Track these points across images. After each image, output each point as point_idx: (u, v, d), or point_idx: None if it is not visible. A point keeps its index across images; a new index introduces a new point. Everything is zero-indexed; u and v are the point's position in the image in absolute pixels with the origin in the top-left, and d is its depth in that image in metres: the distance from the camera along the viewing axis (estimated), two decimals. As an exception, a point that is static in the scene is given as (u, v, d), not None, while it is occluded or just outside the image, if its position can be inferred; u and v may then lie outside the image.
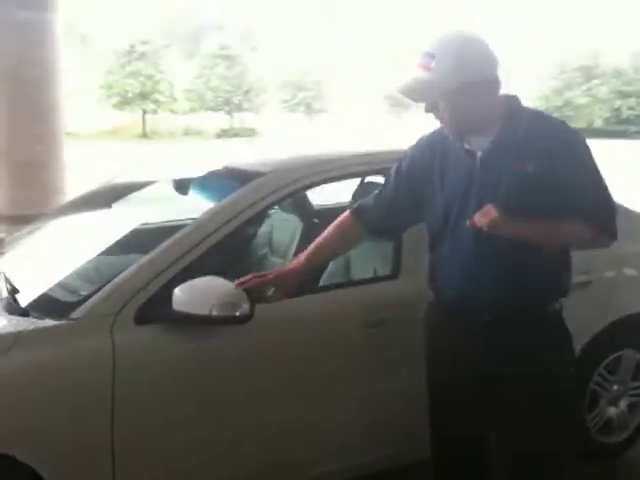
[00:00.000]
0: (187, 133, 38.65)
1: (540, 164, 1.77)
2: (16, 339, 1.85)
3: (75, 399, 1.86)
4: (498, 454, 1.94)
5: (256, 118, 42.37)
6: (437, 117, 1.82)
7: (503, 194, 1.78)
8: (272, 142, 4.21)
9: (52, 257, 2.42)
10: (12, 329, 1.89)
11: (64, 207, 3.07)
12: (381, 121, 40.98)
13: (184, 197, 2.69)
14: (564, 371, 1.93)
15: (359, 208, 2.06)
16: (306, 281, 2.14)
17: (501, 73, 1.81)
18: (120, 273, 2.01)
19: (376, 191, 2.06)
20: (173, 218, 2.93)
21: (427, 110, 1.81)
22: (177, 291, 1.92)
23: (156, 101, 39.50)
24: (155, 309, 1.96)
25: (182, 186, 2.73)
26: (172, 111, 41.27)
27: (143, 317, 1.96)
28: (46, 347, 1.86)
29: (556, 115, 2.03)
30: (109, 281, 2.00)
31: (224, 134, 36.50)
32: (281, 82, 44.70)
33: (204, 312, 1.89)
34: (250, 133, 34.29)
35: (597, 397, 2.87)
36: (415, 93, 1.80)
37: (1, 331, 1.90)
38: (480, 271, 1.85)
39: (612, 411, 2.93)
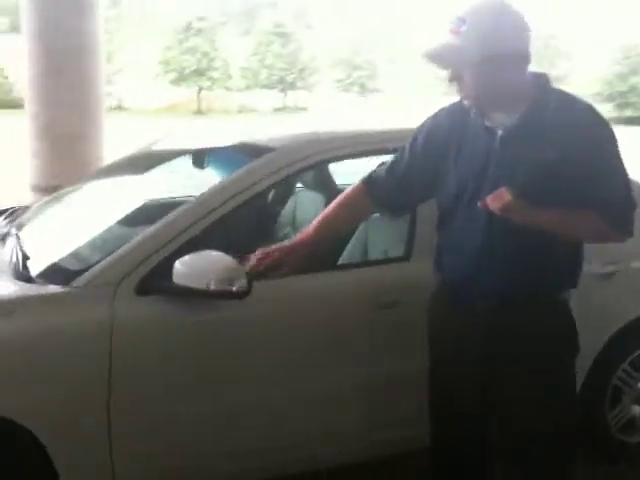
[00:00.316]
0: (241, 111, 38.86)
1: (562, 151, 1.69)
2: (18, 304, 1.89)
3: (73, 366, 1.88)
4: (497, 435, 1.90)
5: (309, 97, 42.27)
6: (460, 88, 1.73)
7: (520, 178, 1.70)
8: (319, 119, 4.17)
9: (69, 225, 2.46)
10: (15, 294, 1.93)
11: (95, 174, 3.10)
12: (436, 103, 40.28)
13: (200, 170, 2.68)
14: (566, 359, 1.88)
15: (370, 181, 1.99)
16: (314, 258, 2.11)
17: (532, 49, 1.72)
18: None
19: (388, 163, 1.98)
20: (189, 192, 2.93)
21: (451, 79, 1.73)
22: (177, 264, 1.93)
23: (211, 78, 39.82)
24: (157, 281, 1.97)
25: (199, 160, 2.73)
26: (227, 88, 41.54)
27: (145, 288, 1.97)
28: (46, 313, 1.90)
29: (619, 101, 1.92)
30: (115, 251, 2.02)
31: (277, 112, 36.58)
32: (335, 61, 44.39)
33: (202, 286, 1.89)
34: (303, 112, 34.26)
35: (620, 394, 2.76)
36: (440, 59, 1.72)
37: (4, 296, 1.93)
38: (489, 255, 1.79)
39: (636, 410, 2.82)
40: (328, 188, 3.18)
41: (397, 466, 2.48)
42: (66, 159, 4.78)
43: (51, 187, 4.47)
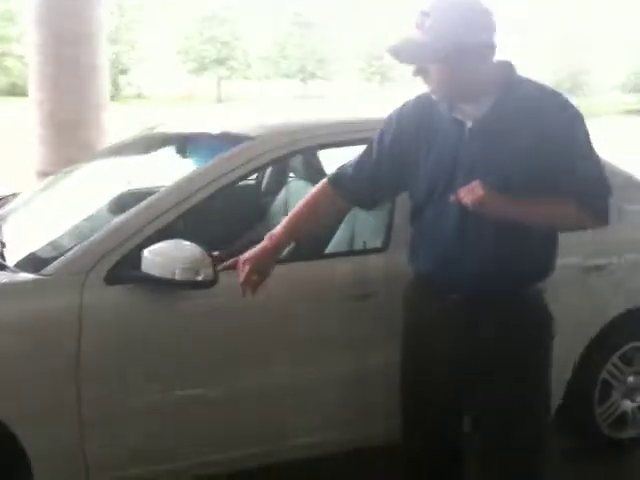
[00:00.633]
0: (260, 100, 38.85)
1: (532, 139, 1.65)
2: (-15, 292, 1.90)
3: (42, 354, 1.89)
4: (471, 430, 1.88)
5: (330, 86, 42.13)
6: (426, 82, 1.69)
7: (492, 170, 1.67)
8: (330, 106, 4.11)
9: (50, 213, 2.46)
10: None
11: (85, 161, 3.08)
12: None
13: (183, 158, 2.66)
14: (542, 348, 1.85)
15: (336, 178, 1.94)
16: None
17: (497, 38, 1.67)
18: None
19: (355, 159, 1.94)
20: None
21: (416, 73, 1.69)
22: (146, 253, 1.92)
23: (231, 68, 39.85)
24: (126, 270, 1.96)
25: (182, 148, 2.71)
26: (246, 77, 41.55)
27: (114, 277, 1.96)
28: (15, 301, 1.91)
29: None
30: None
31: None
32: (357, 51, 44.17)
33: (168, 275, 1.89)
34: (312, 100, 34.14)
35: (610, 388, 2.72)
36: (406, 55, 1.66)
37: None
38: (463, 249, 1.76)
39: (627, 405, 2.77)
40: (321, 177, 3.14)
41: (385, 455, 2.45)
42: (70, 145, 4.80)
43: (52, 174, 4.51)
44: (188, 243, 1.92)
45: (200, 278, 1.88)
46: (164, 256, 1.89)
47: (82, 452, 1.96)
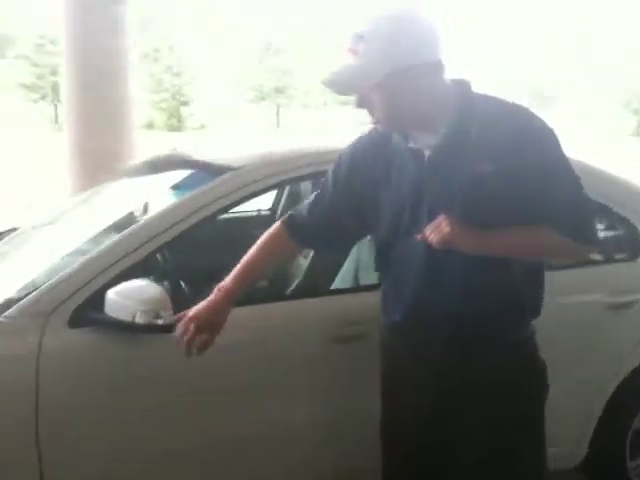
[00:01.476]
0: (318, 127, 39.14)
1: (500, 163, 1.46)
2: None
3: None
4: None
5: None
6: (371, 113, 1.53)
7: (457, 200, 1.49)
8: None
9: (31, 253, 2.39)
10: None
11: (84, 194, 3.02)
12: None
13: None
14: (532, 398, 1.65)
15: (291, 222, 1.78)
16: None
17: (445, 56, 1.49)
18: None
19: (309, 200, 1.77)
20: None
21: (358, 105, 1.52)
22: (109, 294, 1.82)
23: (289, 96, 40.39)
24: (91, 312, 1.86)
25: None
26: (305, 105, 41.99)
27: (78, 320, 1.86)
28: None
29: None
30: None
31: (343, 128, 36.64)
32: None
33: (129, 318, 1.77)
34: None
35: (643, 442, 2.44)
36: (342, 84, 1.50)
37: None
38: (434, 292, 1.58)
39: (665, 459, 2.48)
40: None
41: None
42: (98, 175, 4.82)
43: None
44: (150, 284, 1.81)
45: (160, 322, 1.75)
46: (125, 298, 1.78)
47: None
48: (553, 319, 2.17)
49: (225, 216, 2.86)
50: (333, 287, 2.40)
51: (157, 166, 2.65)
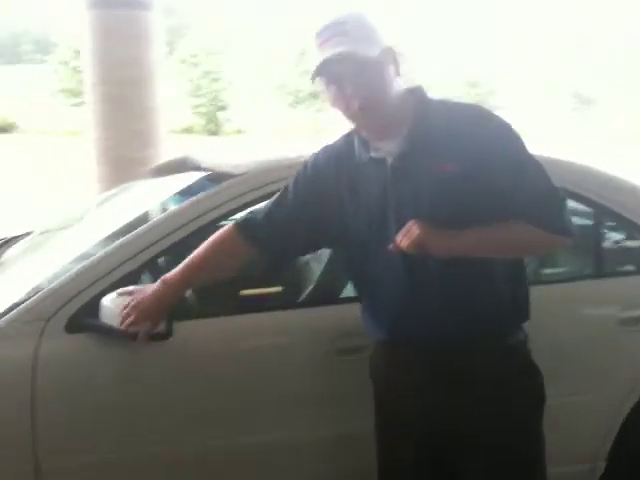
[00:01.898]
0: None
1: (464, 162, 1.45)
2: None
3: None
4: None
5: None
6: (352, 100, 1.49)
7: (425, 205, 1.46)
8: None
9: (38, 258, 2.41)
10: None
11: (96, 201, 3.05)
12: (563, 119, 38.43)
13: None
14: (527, 412, 1.59)
15: (244, 224, 1.73)
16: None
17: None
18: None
19: (267, 204, 1.74)
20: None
21: (334, 103, 1.53)
22: (103, 301, 1.82)
23: (326, 100, 40.40)
24: (88, 318, 1.86)
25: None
26: (342, 110, 42.00)
27: (75, 325, 1.87)
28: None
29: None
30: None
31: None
32: (453, 78, 43.72)
33: (117, 324, 1.77)
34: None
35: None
36: (340, 69, 1.47)
37: None
38: (413, 304, 1.54)
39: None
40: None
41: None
42: (125, 182, 4.87)
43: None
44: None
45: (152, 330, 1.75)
46: (118, 305, 1.77)
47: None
48: (567, 332, 2.12)
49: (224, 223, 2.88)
50: (345, 295, 2.36)
51: (168, 171, 2.67)
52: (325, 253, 2.32)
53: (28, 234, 2.66)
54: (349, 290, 2.33)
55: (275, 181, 2.04)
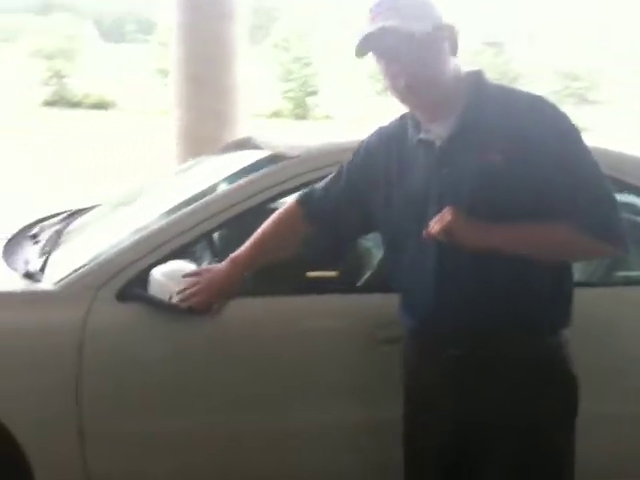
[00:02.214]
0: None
1: (511, 153, 1.39)
2: (2, 298, 1.95)
3: (44, 365, 1.89)
4: None
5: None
6: (400, 76, 1.46)
7: (465, 195, 1.41)
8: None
9: (103, 227, 2.50)
10: (2, 288, 2.00)
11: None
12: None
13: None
14: (557, 430, 1.52)
15: (304, 199, 1.75)
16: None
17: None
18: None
19: (324, 182, 1.75)
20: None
21: (388, 68, 1.48)
22: (153, 272, 1.87)
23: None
24: (138, 288, 1.92)
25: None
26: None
27: (126, 294, 1.93)
28: (25, 310, 1.94)
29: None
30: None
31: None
32: (552, 71, 42.12)
33: (166, 298, 1.82)
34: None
35: None
36: (392, 43, 1.43)
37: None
38: (448, 293, 1.49)
39: None
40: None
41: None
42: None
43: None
44: (184, 264, 1.85)
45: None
46: (165, 278, 1.83)
47: (84, 469, 1.94)
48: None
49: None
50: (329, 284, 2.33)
51: (234, 150, 2.72)
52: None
53: (95, 207, 2.77)
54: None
55: (328, 164, 2.03)
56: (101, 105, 24.41)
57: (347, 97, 37.99)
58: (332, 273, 2.66)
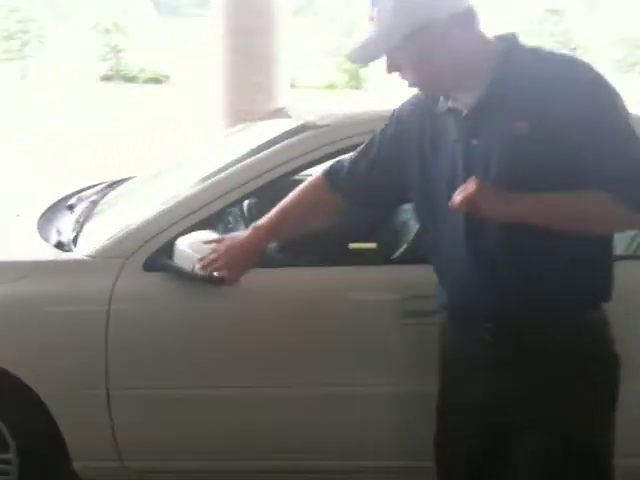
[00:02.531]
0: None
1: (541, 120, 1.29)
2: (33, 267, 1.99)
3: (74, 330, 1.93)
4: None
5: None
6: (403, 78, 1.40)
7: (494, 166, 1.34)
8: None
9: (137, 199, 2.51)
10: (33, 258, 2.04)
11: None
12: None
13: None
14: (598, 411, 1.45)
15: (331, 172, 1.67)
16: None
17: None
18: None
19: (353, 154, 1.67)
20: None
21: (389, 70, 1.40)
22: (178, 242, 1.88)
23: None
24: (164, 258, 1.93)
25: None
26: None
27: (153, 264, 1.95)
28: (56, 278, 1.97)
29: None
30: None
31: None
32: (615, 40, 40.42)
33: (189, 268, 1.82)
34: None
35: None
36: (364, 56, 1.39)
37: (23, 258, 2.05)
38: (472, 271, 1.43)
39: None
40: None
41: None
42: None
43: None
44: (213, 236, 1.83)
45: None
46: (189, 248, 1.83)
47: (113, 434, 1.98)
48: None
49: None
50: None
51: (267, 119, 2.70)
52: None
53: (130, 178, 2.79)
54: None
55: (356, 134, 2.00)
56: (156, 79, 24.73)
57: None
58: (370, 245, 2.63)
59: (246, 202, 2.28)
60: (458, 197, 1.31)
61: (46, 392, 1.94)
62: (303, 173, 2.07)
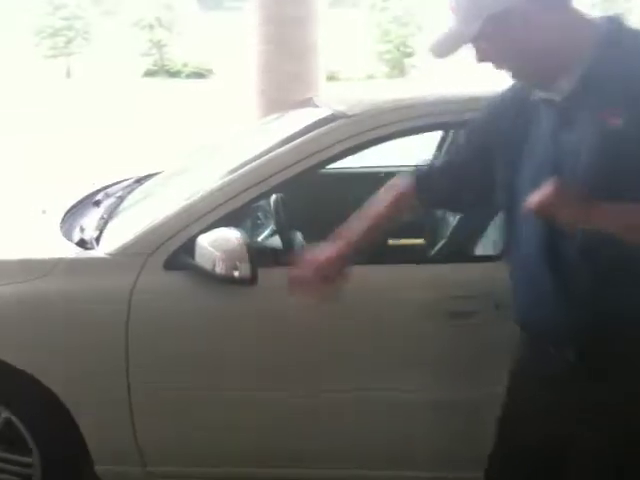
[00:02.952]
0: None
1: (632, 114, 1.15)
2: (55, 265, 1.93)
3: (94, 329, 1.88)
4: None
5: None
6: (496, 67, 1.30)
7: (583, 162, 1.19)
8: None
9: (162, 196, 2.44)
10: (55, 255, 1.98)
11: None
12: None
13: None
14: None
15: (421, 179, 1.55)
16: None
17: None
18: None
19: (443, 155, 1.62)
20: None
21: (478, 60, 1.29)
22: (199, 240, 1.80)
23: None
24: (185, 256, 1.86)
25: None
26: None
27: (173, 262, 1.88)
28: (76, 276, 1.92)
29: None
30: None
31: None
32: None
33: (210, 267, 1.74)
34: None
35: None
36: (446, 50, 1.27)
37: (45, 256, 1.99)
38: (545, 285, 1.30)
39: None
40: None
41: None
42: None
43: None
44: (236, 234, 1.75)
45: (236, 274, 1.69)
46: (210, 246, 1.75)
47: (134, 437, 1.92)
48: None
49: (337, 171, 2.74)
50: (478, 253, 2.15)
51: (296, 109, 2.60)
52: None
53: (158, 174, 2.72)
54: (479, 249, 2.12)
55: (385, 124, 1.89)
56: (199, 74, 24.84)
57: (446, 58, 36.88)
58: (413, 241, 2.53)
59: (273, 196, 2.18)
60: (535, 199, 1.17)
61: (66, 393, 1.89)
62: (331, 166, 1.97)
